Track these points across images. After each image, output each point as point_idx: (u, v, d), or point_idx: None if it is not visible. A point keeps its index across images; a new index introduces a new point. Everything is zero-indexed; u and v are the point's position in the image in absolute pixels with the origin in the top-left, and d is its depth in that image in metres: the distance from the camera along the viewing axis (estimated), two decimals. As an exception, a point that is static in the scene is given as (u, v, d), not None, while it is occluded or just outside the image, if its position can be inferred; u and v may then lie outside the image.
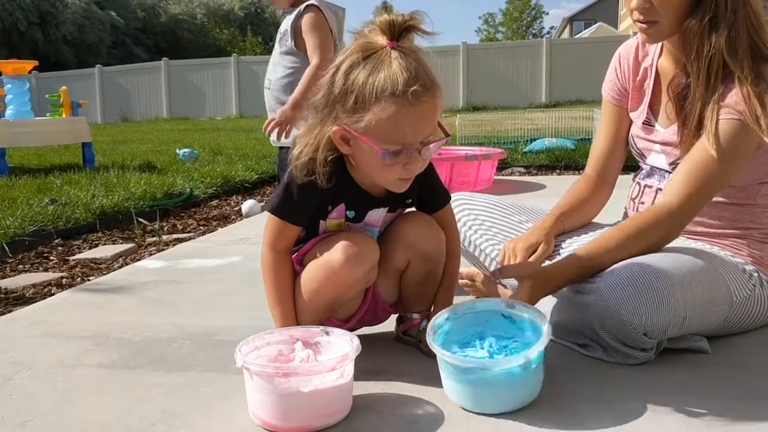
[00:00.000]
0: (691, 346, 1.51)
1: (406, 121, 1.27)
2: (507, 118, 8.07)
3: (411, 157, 1.32)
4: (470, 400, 1.27)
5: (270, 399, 1.22)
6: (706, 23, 1.47)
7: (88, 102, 8.46)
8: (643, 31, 1.55)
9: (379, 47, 1.28)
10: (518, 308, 1.39)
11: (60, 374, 1.52)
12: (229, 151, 7.33)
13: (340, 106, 1.30)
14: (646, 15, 1.51)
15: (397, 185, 1.39)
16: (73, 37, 28.75)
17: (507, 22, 48.20)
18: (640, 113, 1.74)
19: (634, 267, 1.44)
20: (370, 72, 1.26)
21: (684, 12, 1.49)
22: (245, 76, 19.48)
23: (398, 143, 1.29)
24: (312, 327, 1.39)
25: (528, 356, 1.24)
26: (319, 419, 1.22)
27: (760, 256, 1.61)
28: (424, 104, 1.26)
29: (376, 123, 1.27)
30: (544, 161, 5.81)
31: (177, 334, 1.78)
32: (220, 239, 3.18)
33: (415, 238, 1.49)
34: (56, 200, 3.86)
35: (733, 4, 1.46)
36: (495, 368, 1.25)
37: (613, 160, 1.85)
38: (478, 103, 16.93)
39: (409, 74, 1.24)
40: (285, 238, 1.46)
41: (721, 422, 1.20)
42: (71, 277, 2.59)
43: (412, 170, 1.35)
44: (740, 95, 1.45)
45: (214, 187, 4.73)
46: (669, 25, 1.51)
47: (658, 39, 1.60)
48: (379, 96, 1.25)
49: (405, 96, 1.24)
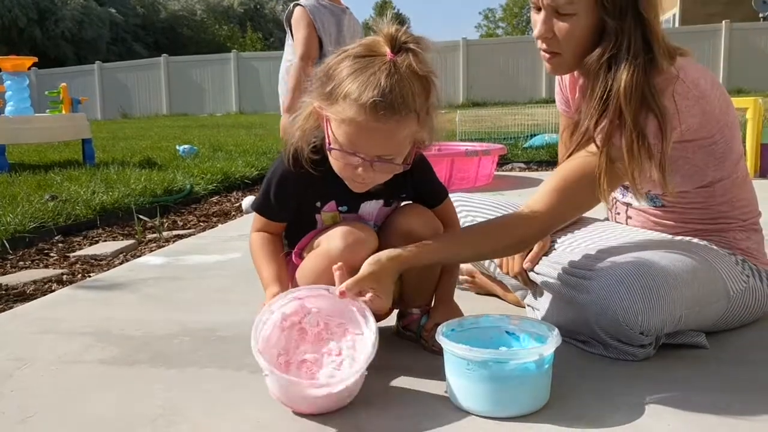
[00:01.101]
0: (690, 341, 1.51)
1: (361, 132, 1.28)
2: (507, 113, 8.06)
3: (363, 164, 1.32)
4: (480, 400, 1.23)
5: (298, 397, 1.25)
6: (604, 62, 1.43)
7: (87, 98, 8.44)
8: (546, 60, 1.53)
9: (380, 53, 1.28)
10: (523, 325, 1.38)
11: (61, 370, 1.53)
12: (229, 147, 7.33)
13: (319, 84, 1.33)
14: (549, 45, 1.49)
15: (352, 185, 1.40)
16: (72, 34, 28.70)
17: (507, 17, 48.12)
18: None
19: (629, 266, 1.44)
20: (354, 71, 1.27)
21: (587, 47, 1.46)
22: (245, 72, 19.46)
23: (351, 147, 1.30)
24: (314, 286, 1.38)
25: (542, 353, 1.22)
26: (341, 402, 1.26)
27: (746, 246, 1.62)
28: (381, 125, 1.25)
29: (336, 117, 1.29)
30: (544, 157, 5.80)
31: (177, 330, 1.78)
32: (220, 235, 3.18)
33: (411, 228, 1.48)
34: (56, 197, 3.86)
35: (634, 44, 1.40)
36: (510, 362, 1.21)
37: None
38: (478, 98, 16.90)
39: (382, 92, 1.23)
40: (270, 229, 1.52)
41: (723, 417, 1.20)
42: (72, 274, 2.59)
43: (363, 177, 1.35)
44: (624, 146, 1.40)
45: (214, 184, 4.73)
46: (570, 58, 1.49)
47: (561, 71, 1.60)
48: (346, 96, 1.26)
49: (365, 108, 1.24)
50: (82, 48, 28.90)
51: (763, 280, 1.61)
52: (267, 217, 1.50)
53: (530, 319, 1.38)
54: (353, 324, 1.33)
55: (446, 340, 1.26)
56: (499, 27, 48.96)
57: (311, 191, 1.45)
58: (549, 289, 1.63)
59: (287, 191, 1.46)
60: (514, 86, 17.49)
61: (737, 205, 1.62)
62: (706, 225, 1.63)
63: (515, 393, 1.22)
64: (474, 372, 1.22)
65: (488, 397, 1.22)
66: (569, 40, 1.46)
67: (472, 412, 1.24)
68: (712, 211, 1.61)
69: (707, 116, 1.47)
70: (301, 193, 1.45)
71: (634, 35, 1.40)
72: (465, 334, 1.36)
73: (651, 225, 1.70)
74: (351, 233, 1.40)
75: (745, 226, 1.63)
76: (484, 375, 1.21)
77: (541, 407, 1.24)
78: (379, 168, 1.33)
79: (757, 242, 1.64)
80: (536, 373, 1.22)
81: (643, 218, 1.70)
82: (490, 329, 1.39)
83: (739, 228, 1.62)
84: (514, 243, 1.54)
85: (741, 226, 1.62)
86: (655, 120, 1.39)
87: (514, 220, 1.54)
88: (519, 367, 1.21)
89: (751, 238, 1.63)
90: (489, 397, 1.22)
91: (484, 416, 1.22)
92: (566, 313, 1.55)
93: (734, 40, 15.78)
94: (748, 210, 1.64)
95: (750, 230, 1.64)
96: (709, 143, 1.51)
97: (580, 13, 1.43)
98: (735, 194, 1.61)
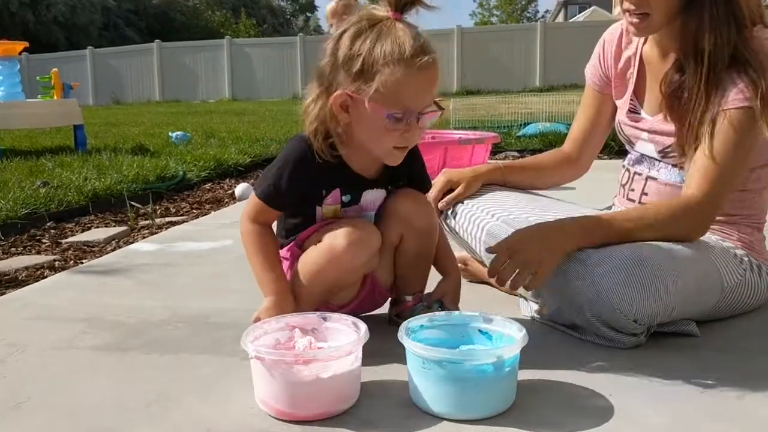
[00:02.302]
0: (681, 329, 1.52)
1: (412, 86, 1.31)
2: (501, 102, 8.05)
3: (410, 124, 1.34)
4: (438, 400, 1.18)
5: (287, 388, 1.18)
6: (706, 21, 1.44)
7: (79, 84, 8.38)
8: (633, 24, 1.52)
9: (383, 18, 1.32)
10: (495, 323, 1.32)
11: (54, 356, 1.53)
12: (222, 134, 7.30)
13: (344, 71, 1.33)
14: (638, 7, 1.49)
15: (392, 155, 1.40)
16: (64, 18, 28.46)
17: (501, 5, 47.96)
18: (625, 102, 1.74)
19: (626, 254, 1.44)
20: (377, 38, 1.31)
21: (677, 6, 1.47)
22: (238, 58, 19.37)
23: (401, 107, 1.32)
24: (308, 313, 1.38)
25: (501, 355, 1.17)
26: (335, 405, 1.21)
27: (750, 241, 1.62)
28: (428, 71, 1.31)
29: (382, 86, 1.30)
30: (538, 145, 5.81)
31: (171, 316, 1.78)
32: (213, 222, 3.17)
33: (407, 212, 1.50)
34: (48, 183, 3.84)
35: (727, 3, 1.44)
36: (465, 363, 1.17)
37: (590, 142, 1.89)
38: (472, 86, 16.89)
39: (415, 41, 1.30)
40: (265, 218, 1.49)
41: (713, 404, 1.22)
42: (64, 260, 2.59)
43: (408, 139, 1.37)
44: (743, 84, 1.43)
45: (207, 171, 4.72)
46: (660, 18, 1.50)
47: (648, 32, 1.58)
48: (387, 60, 1.29)
49: (413, 61, 1.29)
50: (73, 33, 28.66)
51: (762, 274, 1.62)
52: (272, 205, 1.46)
53: (503, 318, 1.32)
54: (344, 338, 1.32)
55: (405, 338, 1.22)
56: (494, 15, 48.80)
57: (319, 178, 1.44)
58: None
59: (301, 176, 1.43)
60: (508, 74, 17.47)
61: (756, 199, 1.64)
62: (723, 215, 1.62)
63: (472, 395, 1.17)
64: (430, 371, 1.18)
65: (445, 398, 1.18)
66: (659, 0, 1.47)
67: (430, 413, 1.19)
68: (735, 197, 1.60)
69: None
70: (312, 179, 1.44)
71: None
72: (434, 331, 1.33)
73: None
74: (355, 231, 1.40)
75: (752, 223, 1.64)
76: (440, 375, 1.17)
77: (506, 409, 1.20)
78: (422, 122, 1.36)
79: (759, 240, 1.66)
80: (494, 376, 1.17)
81: (665, 194, 1.67)
82: (462, 327, 1.35)
83: (748, 223, 1.63)
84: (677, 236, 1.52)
85: (750, 223, 1.64)
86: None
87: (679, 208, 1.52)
88: (475, 368, 1.16)
89: (755, 234, 1.65)
90: (446, 397, 1.18)
91: (442, 417, 1.18)
92: (559, 297, 1.56)
93: None
94: (763, 208, 1.67)
95: (755, 228, 1.65)
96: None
97: None
98: (762, 186, 1.63)
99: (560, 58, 16.85)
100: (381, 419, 1.19)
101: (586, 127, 1.88)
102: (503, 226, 1.66)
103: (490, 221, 1.72)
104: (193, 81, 19.75)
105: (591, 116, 1.87)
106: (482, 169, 1.87)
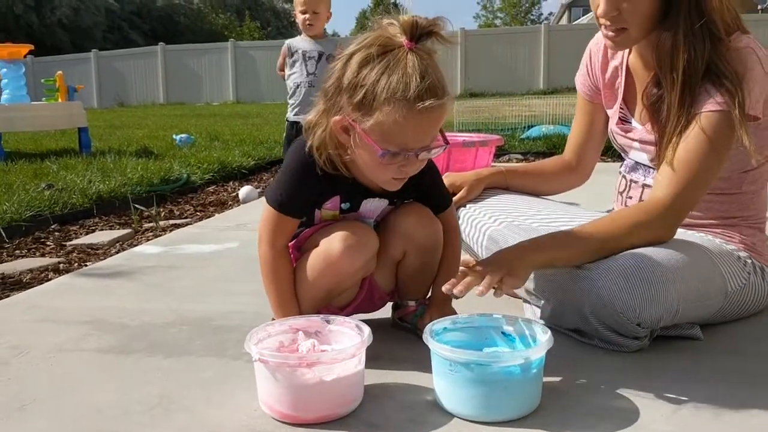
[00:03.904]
0: (684, 333, 1.52)
1: (411, 127, 1.25)
2: (505, 104, 8.05)
3: (408, 159, 1.31)
4: (464, 403, 1.18)
5: (290, 390, 1.18)
6: (680, 37, 1.44)
7: (84, 87, 8.42)
8: (609, 38, 1.52)
9: (396, 45, 1.25)
10: (518, 326, 1.32)
11: (58, 359, 1.53)
12: (226, 136, 7.32)
13: (347, 97, 1.28)
14: (614, 22, 1.48)
15: (391, 184, 1.38)
16: (68, 21, 28.56)
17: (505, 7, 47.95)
18: (615, 111, 1.74)
19: (629, 258, 1.43)
20: (384, 70, 1.23)
21: (653, 21, 1.47)
22: (242, 61, 19.40)
23: (399, 146, 1.28)
24: (312, 316, 1.38)
25: (529, 357, 1.17)
26: (339, 408, 1.21)
27: (752, 242, 1.62)
28: (431, 115, 1.24)
29: (381, 123, 1.25)
30: (542, 148, 5.81)
31: (174, 319, 1.78)
32: (217, 225, 3.17)
33: (411, 229, 1.48)
34: (53, 185, 3.86)
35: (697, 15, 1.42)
36: (493, 365, 1.17)
37: (588, 150, 1.91)
38: (476, 89, 16.89)
39: (423, 81, 1.22)
40: (284, 233, 1.44)
41: (720, 408, 1.21)
42: (68, 263, 2.60)
43: (407, 171, 1.34)
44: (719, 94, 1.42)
45: (211, 173, 4.73)
46: (636, 32, 1.49)
47: (624, 47, 1.59)
48: (389, 97, 1.22)
49: (415, 102, 1.21)
50: (78, 36, 28.76)
51: (765, 277, 1.62)
52: (287, 213, 1.42)
53: (526, 320, 1.34)
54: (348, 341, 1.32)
55: (431, 340, 1.22)
56: (498, 17, 48.80)
57: (322, 185, 1.42)
58: (544, 276, 1.62)
59: (307, 183, 1.41)
60: (512, 77, 17.48)
61: (754, 199, 1.63)
62: (720, 218, 1.62)
63: (499, 397, 1.17)
64: (457, 374, 1.18)
65: (471, 401, 1.17)
66: (636, 14, 1.46)
67: (456, 415, 1.20)
68: (733, 200, 1.61)
69: None
70: (316, 186, 1.42)
71: (698, 7, 1.42)
72: (457, 334, 1.34)
73: None
74: (352, 235, 1.39)
75: (753, 224, 1.64)
76: (467, 377, 1.17)
77: (531, 412, 1.20)
78: (422, 158, 1.33)
79: (762, 240, 1.65)
80: (521, 378, 1.17)
81: None
82: (486, 329, 1.35)
83: (748, 225, 1.63)
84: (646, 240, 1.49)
85: (750, 224, 1.63)
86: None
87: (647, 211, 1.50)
88: (503, 370, 1.16)
89: (756, 235, 1.64)
90: (472, 400, 1.17)
91: (468, 420, 1.18)
92: (562, 301, 1.55)
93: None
94: (762, 208, 1.66)
95: (756, 228, 1.65)
96: (764, 126, 1.52)
97: None
98: (759, 186, 1.63)
99: (564, 61, 16.82)
100: (384, 422, 1.19)
101: (582, 135, 1.89)
102: (505, 231, 1.66)
103: (492, 226, 1.72)
104: (197, 83, 19.79)
105: (585, 125, 1.88)
106: (485, 173, 1.87)
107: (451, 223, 1.57)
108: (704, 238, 1.61)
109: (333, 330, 1.35)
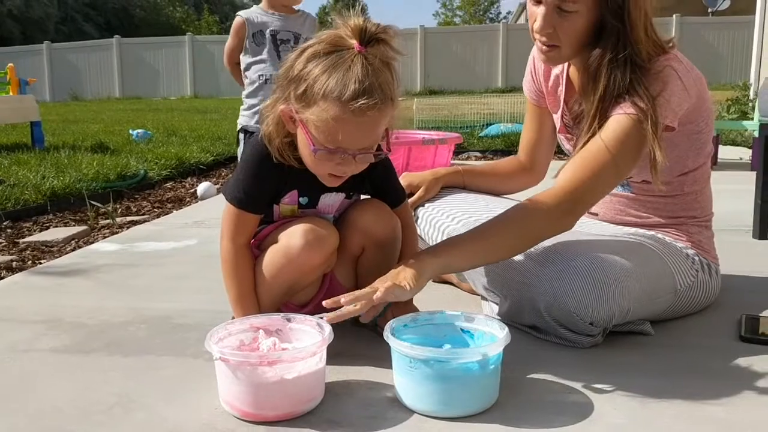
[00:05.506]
0: (636, 329, 1.56)
1: (345, 128, 1.26)
2: (464, 102, 8.12)
3: (344, 159, 1.32)
4: (424, 399, 1.20)
5: (251, 389, 1.18)
6: (605, 62, 1.47)
7: (36, 80, 8.21)
8: (542, 52, 1.56)
9: (347, 46, 1.27)
10: (477, 322, 1.35)
11: (13, 359, 1.50)
12: (183, 132, 7.23)
13: (293, 87, 1.31)
14: (549, 39, 1.52)
15: (328, 180, 1.39)
16: (19, 12, 27.79)
17: (464, 5, 48.27)
18: (559, 117, 1.79)
19: (582, 260, 1.47)
20: (327, 68, 1.25)
21: (584, 42, 1.51)
22: (200, 55, 19.14)
23: (334, 144, 1.29)
24: (273, 315, 1.38)
25: (487, 353, 1.19)
26: (300, 405, 1.22)
27: (699, 240, 1.68)
28: (364, 116, 1.25)
29: (316, 118, 1.27)
30: (500, 146, 5.89)
31: (133, 317, 1.76)
32: (175, 222, 3.14)
33: (369, 224, 1.50)
34: (4, 181, 3.77)
35: (633, 40, 1.45)
36: (452, 361, 1.19)
37: (540, 151, 1.95)
38: (435, 86, 16.99)
39: (361, 85, 1.23)
40: (245, 229, 1.45)
41: (671, 400, 1.25)
42: (21, 260, 2.54)
43: (344, 170, 1.36)
44: (630, 104, 1.45)
45: (169, 169, 4.68)
46: (568, 51, 1.53)
47: (555, 63, 1.65)
48: (326, 95, 1.24)
49: (349, 104, 1.23)
50: (29, 27, 28.00)
51: (711, 274, 1.68)
52: (249, 209, 1.43)
53: (485, 317, 1.37)
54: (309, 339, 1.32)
55: (391, 337, 1.24)
56: (457, 15, 49.08)
57: (279, 178, 1.43)
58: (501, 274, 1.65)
59: (264, 176, 1.42)
60: (471, 75, 17.61)
61: (698, 199, 1.69)
62: (667, 218, 1.68)
63: (458, 393, 1.19)
64: (417, 370, 1.20)
65: (431, 396, 1.20)
66: (570, 35, 1.49)
67: (416, 411, 1.22)
68: (677, 201, 1.67)
69: (700, 101, 1.53)
70: (272, 179, 1.43)
71: (634, 31, 1.45)
72: (418, 330, 1.36)
73: (612, 214, 1.75)
74: (312, 231, 1.40)
75: (699, 223, 1.70)
76: (427, 374, 1.19)
77: (489, 406, 1.23)
78: (360, 159, 1.33)
79: (708, 237, 1.71)
80: (480, 373, 1.20)
81: (612, 204, 1.75)
82: (445, 326, 1.37)
83: (695, 223, 1.69)
84: (541, 232, 1.50)
85: (697, 222, 1.69)
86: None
87: (543, 203, 1.49)
88: (461, 366, 1.19)
89: (703, 233, 1.70)
90: (431, 396, 1.20)
91: (428, 415, 1.20)
92: (518, 299, 1.58)
93: (684, 33, 16.13)
94: (706, 206, 1.72)
95: (703, 227, 1.71)
96: (695, 131, 1.57)
97: (581, 10, 1.45)
98: (701, 186, 1.68)
99: (522, 59, 16.55)
100: (346, 419, 1.20)
101: (532, 137, 1.94)
102: (463, 230, 1.68)
103: (450, 224, 1.75)
104: (154, 78, 19.46)
105: (535, 128, 1.93)
106: (442, 172, 1.90)
107: (407, 220, 1.59)
108: (655, 236, 1.66)
109: (294, 328, 1.35)
